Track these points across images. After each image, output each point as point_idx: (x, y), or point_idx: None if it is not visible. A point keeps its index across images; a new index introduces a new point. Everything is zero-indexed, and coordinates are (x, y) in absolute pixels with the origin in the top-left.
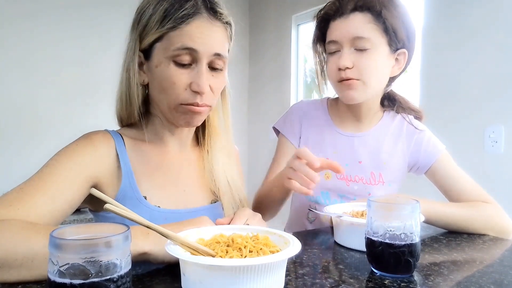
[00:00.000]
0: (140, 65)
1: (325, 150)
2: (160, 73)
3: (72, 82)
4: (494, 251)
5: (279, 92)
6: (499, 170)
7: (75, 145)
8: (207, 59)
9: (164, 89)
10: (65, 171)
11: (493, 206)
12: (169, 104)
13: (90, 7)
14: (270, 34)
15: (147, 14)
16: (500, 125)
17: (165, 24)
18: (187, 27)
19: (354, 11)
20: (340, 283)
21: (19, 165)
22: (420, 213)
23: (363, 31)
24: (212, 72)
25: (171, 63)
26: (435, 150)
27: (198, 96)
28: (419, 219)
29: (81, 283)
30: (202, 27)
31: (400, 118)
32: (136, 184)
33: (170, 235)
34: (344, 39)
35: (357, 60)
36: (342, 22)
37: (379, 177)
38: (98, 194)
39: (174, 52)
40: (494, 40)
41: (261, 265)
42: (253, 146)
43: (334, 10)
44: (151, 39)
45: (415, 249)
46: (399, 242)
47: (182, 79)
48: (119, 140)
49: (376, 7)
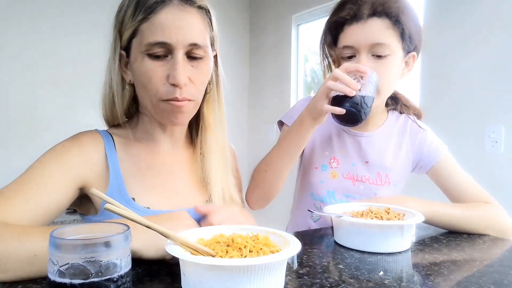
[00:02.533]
0: (125, 64)
1: (333, 149)
2: (137, 69)
3: (72, 81)
4: (494, 251)
5: (279, 92)
6: (499, 170)
7: (62, 146)
8: (183, 50)
9: (143, 85)
10: (50, 172)
11: (494, 207)
12: (151, 101)
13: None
14: (270, 34)
15: (123, 10)
16: (500, 125)
17: (136, 16)
18: (156, 17)
19: (372, 16)
20: (340, 283)
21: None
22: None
23: (382, 37)
24: (192, 62)
25: (145, 57)
26: (437, 150)
27: (178, 90)
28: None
29: (81, 283)
30: (173, 15)
31: (404, 118)
32: (125, 185)
33: (170, 235)
34: (361, 44)
35: (375, 67)
36: (359, 27)
37: (385, 177)
38: (98, 194)
39: (147, 47)
40: (495, 40)
41: (261, 265)
42: (253, 146)
43: (351, 15)
44: (127, 35)
45: (365, 99)
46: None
47: (158, 72)
48: (109, 140)
49: (393, 12)
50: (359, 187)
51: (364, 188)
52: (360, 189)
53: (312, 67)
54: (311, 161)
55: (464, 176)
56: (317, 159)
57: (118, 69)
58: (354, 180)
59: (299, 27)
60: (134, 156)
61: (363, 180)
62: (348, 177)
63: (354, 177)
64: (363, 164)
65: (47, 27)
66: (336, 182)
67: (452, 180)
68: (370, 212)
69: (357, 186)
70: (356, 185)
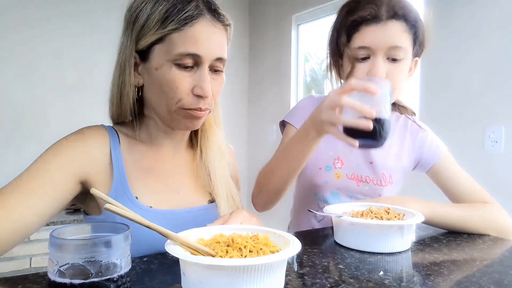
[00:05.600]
0: (135, 66)
1: (337, 149)
2: (160, 76)
3: (72, 81)
4: (494, 251)
5: (279, 92)
6: (499, 170)
7: (65, 140)
8: (209, 63)
9: (164, 93)
10: (49, 165)
11: (494, 207)
12: (169, 108)
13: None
14: (270, 34)
15: (144, 14)
16: (500, 125)
17: (166, 25)
18: (190, 29)
19: (392, 19)
20: (340, 283)
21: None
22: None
23: (400, 40)
24: (213, 75)
25: (173, 66)
26: (437, 150)
27: (201, 101)
28: (389, 97)
29: (81, 283)
30: (206, 29)
31: (404, 118)
32: (128, 183)
33: (170, 235)
34: (379, 47)
35: (390, 70)
36: (378, 29)
37: (389, 178)
38: (98, 194)
39: (177, 56)
40: (494, 40)
41: (261, 265)
42: (253, 146)
43: (371, 15)
44: (150, 40)
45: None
46: None
47: (185, 83)
48: (114, 136)
49: (411, 16)
50: (363, 188)
51: (368, 189)
52: (364, 190)
53: (312, 67)
54: (314, 161)
55: (464, 176)
56: (321, 159)
57: (132, 71)
58: (358, 180)
59: (299, 27)
60: (138, 156)
61: (367, 180)
62: (352, 178)
63: (358, 178)
64: (368, 165)
65: (48, 27)
66: (340, 183)
67: (452, 180)
68: (370, 212)
69: (362, 186)
70: (360, 186)
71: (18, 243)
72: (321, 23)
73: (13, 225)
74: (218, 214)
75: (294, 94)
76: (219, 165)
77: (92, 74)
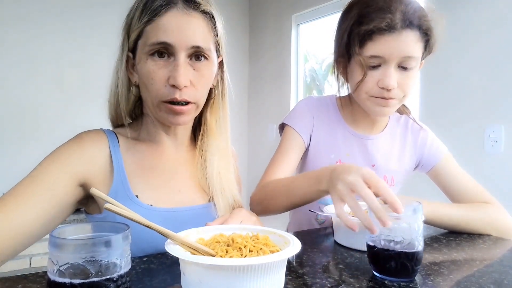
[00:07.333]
0: (132, 66)
1: (338, 151)
2: (141, 69)
3: (73, 82)
4: (494, 251)
5: (279, 92)
6: (499, 170)
7: (64, 146)
8: (185, 52)
9: (146, 86)
10: (48, 171)
11: (495, 207)
12: (153, 102)
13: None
14: (270, 34)
15: (132, 12)
16: (500, 125)
17: (142, 19)
18: (161, 19)
19: (406, 28)
20: (340, 283)
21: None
22: (422, 214)
23: (413, 51)
24: (194, 65)
25: (149, 58)
26: (438, 150)
27: (177, 91)
28: (421, 221)
29: (81, 282)
30: (177, 18)
31: (404, 118)
32: (128, 182)
33: (170, 235)
34: (392, 56)
35: (401, 79)
36: (393, 39)
37: (391, 180)
38: (98, 193)
39: (150, 47)
40: (494, 40)
41: (261, 265)
42: (253, 146)
43: (387, 25)
44: (134, 36)
45: (416, 255)
46: (399, 246)
47: (160, 73)
48: (113, 139)
49: (426, 25)
50: None
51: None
52: None
53: (312, 67)
54: (316, 164)
55: (464, 176)
56: (323, 162)
57: (124, 70)
58: None
59: (299, 27)
60: (138, 155)
61: None
62: None
63: None
64: (370, 168)
65: (49, 28)
66: None
67: (452, 180)
68: None
69: None
70: None
71: (19, 251)
72: (321, 23)
73: (13, 231)
74: (218, 213)
75: (294, 94)
76: (220, 167)
77: (93, 76)
